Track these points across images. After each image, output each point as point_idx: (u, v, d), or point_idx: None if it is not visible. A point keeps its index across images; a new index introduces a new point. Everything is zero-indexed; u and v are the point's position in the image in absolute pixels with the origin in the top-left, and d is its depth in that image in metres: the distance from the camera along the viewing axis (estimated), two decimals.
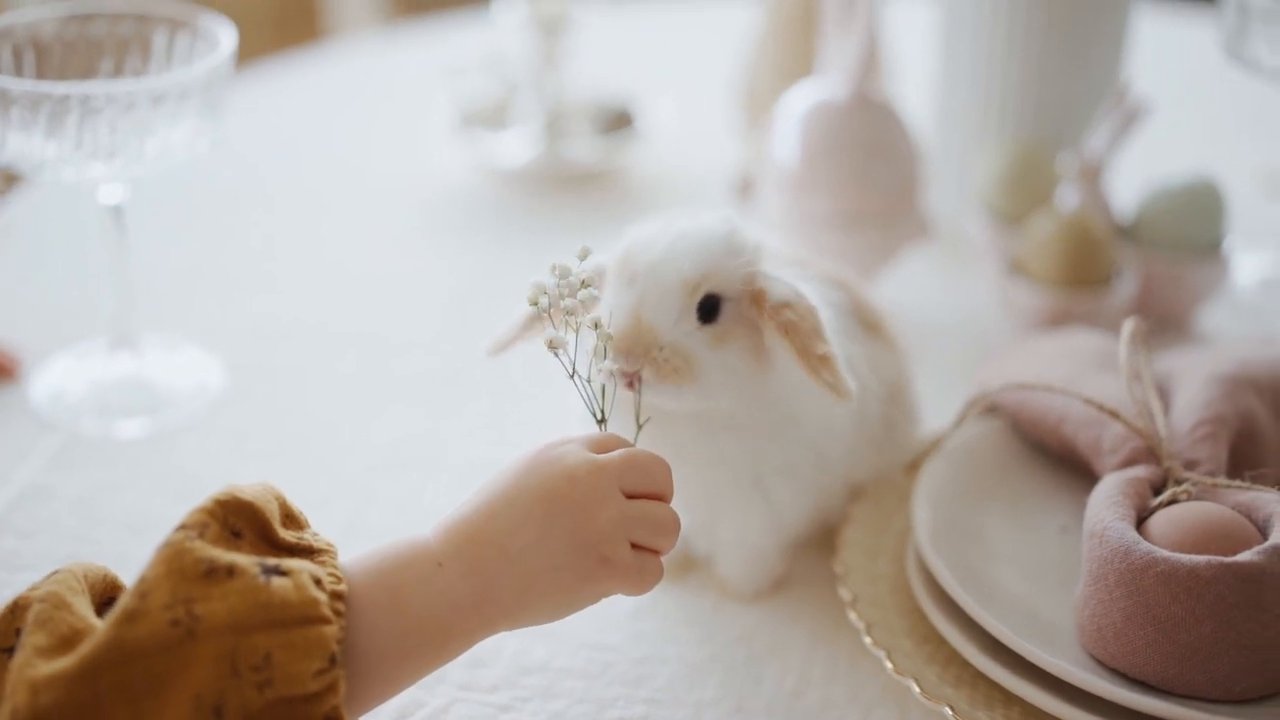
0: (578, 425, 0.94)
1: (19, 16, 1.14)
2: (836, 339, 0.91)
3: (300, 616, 0.73)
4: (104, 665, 0.70)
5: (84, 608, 0.75)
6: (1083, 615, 0.87)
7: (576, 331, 0.85)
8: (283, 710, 0.72)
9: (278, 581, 0.73)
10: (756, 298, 0.89)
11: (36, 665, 0.71)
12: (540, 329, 0.92)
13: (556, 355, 0.85)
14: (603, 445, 0.85)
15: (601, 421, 0.88)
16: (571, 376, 0.86)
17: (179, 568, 0.72)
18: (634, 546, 0.83)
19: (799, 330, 0.88)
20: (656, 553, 0.84)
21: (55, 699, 0.70)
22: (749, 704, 0.92)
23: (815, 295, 0.92)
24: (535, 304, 0.86)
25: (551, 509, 0.81)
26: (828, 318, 0.91)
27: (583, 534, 0.81)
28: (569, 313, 0.85)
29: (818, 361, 0.87)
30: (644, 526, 0.83)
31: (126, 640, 0.70)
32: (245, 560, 0.74)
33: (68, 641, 0.72)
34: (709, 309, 0.88)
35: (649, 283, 0.88)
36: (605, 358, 0.86)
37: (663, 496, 0.85)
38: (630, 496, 0.83)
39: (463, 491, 1.08)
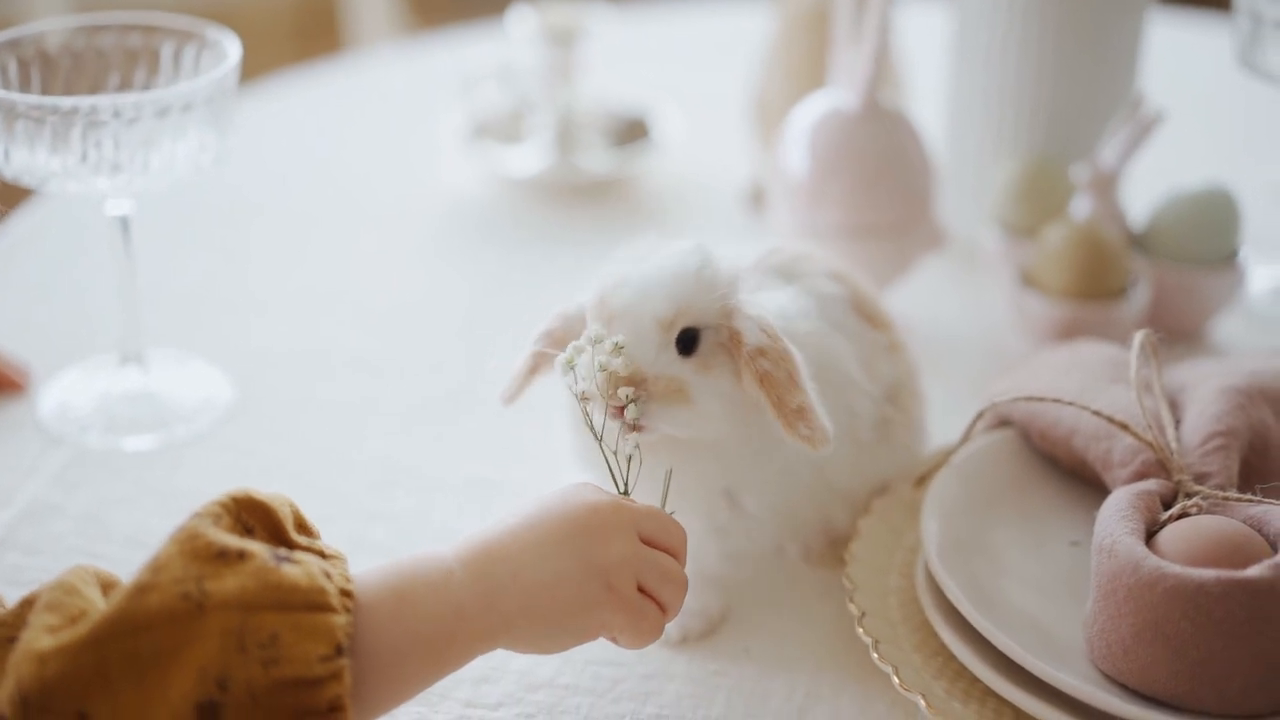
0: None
1: (26, 29, 1.13)
2: (829, 371, 0.91)
3: (308, 602, 0.74)
4: (113, 635, 0.71)
5: (94, 595, 0.76)
6: (1092, 631, 0.87)
7: (605, 398, 0.87)
8: (287, 692, 0.72)
9: (288, 567, 0.75)
10: (732, 338, 0.90)
11: (44, 640, 0.72)
12: (545, 369, 0.95)
13: (587, 413, 0.87)
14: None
15: (624, 494, 0.89)
16: (599, 441, 0.88)
17: (192, 549, 0.74)
18: (641, 593, 0.85)
19: (774, 381, 0.89)
20: (662, 609, 0.86)
21: (62, 668, 0.71)
22: (757, 719, 0.91)
23: (798, 306, 0.94)
24: (571, 364, 0.88)
25: (568, 531, 0.83)
26: (812, 353, 0.91)
27: (593, 558, 0.83)
28: (603, 368, 0.87)
29: (794, 415, 0.88)
30: (653, 571, 0.85)
31: (137, 611, 0.71)
32: (257, 546, 0.75)
33: (75, 622, 0.73)
34: (688, 342, 0.89)
35: (625, 324, 0.89)
36: (633, 431, 0.87)
37: (674, 555, 0.87)
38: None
39: (470, 507, 1.09)
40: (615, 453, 0.88)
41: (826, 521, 1.02)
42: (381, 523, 1.08)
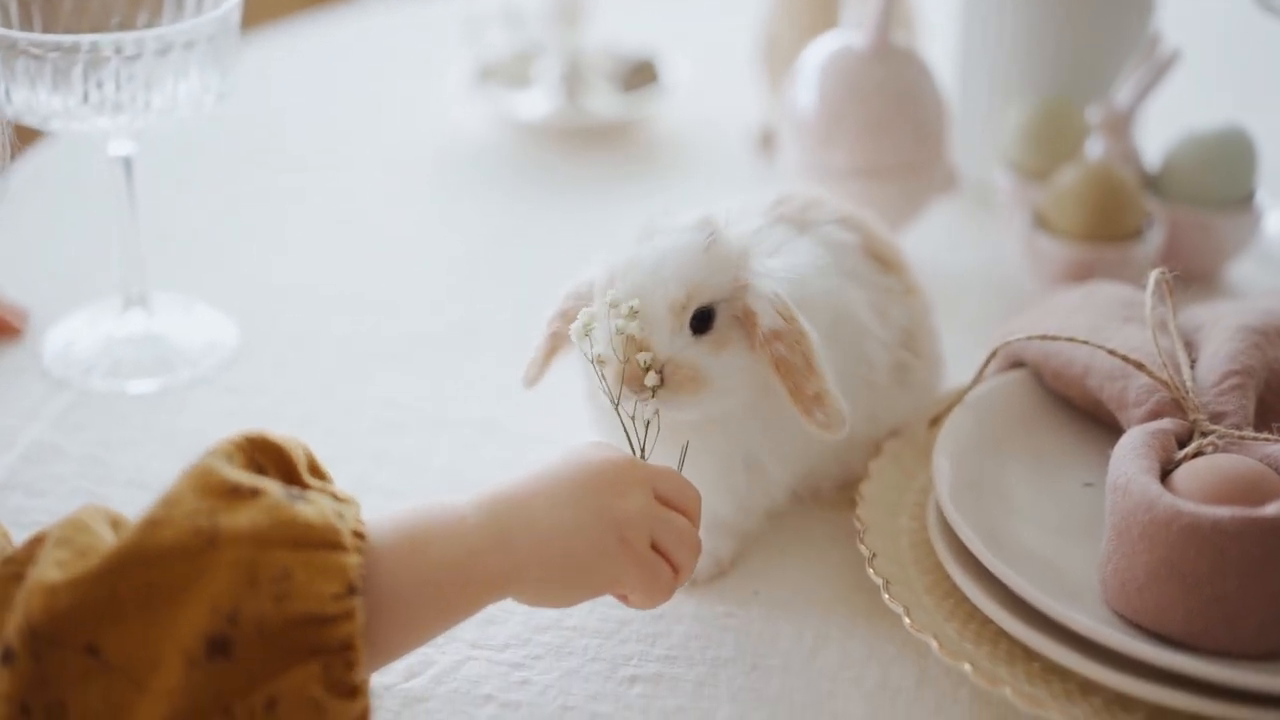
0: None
1: None
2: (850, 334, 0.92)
3: (321, 540, 0.73)
4: (124, 568, 0.71)
5: (105, 532, 0.75)
6: (1106, 570, 0.86)
7: (624, 362, 0.86)
8: (299, 629, 0.72)
9: (301, 505, 0.74)
10: (746, 317, 0.89)
11: (54, 573, 0.71)
12: (563, 350, 0.95)
13: (603, 378, 0.87)
14: None
15: (641, 457, 0.88)
16: (615, 405, 0.88)
17: (204, 484, 0.73)
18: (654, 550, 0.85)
19: (791, 368, 0.88)
20: (675, 570, 0.85)
21: (72, 601, 0.70)
22: (765, 661, 0.90)
23: (813, 264, 0.94)
24: (588, 330, 0.87)
25: (584, 482, 0.83)
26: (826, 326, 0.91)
27: (608, 510, 0.83)
28: (619, 331, 0.86)
29: (811, 402, 0.88)
30: (668, 529, 0.85)
31: (148, 545, 0.71)
32: (270, 484, 0.74)
33: (85, 557, 0.72)
34: (702, 320, 0.88)
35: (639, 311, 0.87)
36: (654, 396, 0.87)
37: (689, 516, 0.87)
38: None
39: (474, 450, 1.08)
40: (633, 418, 0.88)
41: (845, 468, 1.02)
42: (386, 465, 1.08)
